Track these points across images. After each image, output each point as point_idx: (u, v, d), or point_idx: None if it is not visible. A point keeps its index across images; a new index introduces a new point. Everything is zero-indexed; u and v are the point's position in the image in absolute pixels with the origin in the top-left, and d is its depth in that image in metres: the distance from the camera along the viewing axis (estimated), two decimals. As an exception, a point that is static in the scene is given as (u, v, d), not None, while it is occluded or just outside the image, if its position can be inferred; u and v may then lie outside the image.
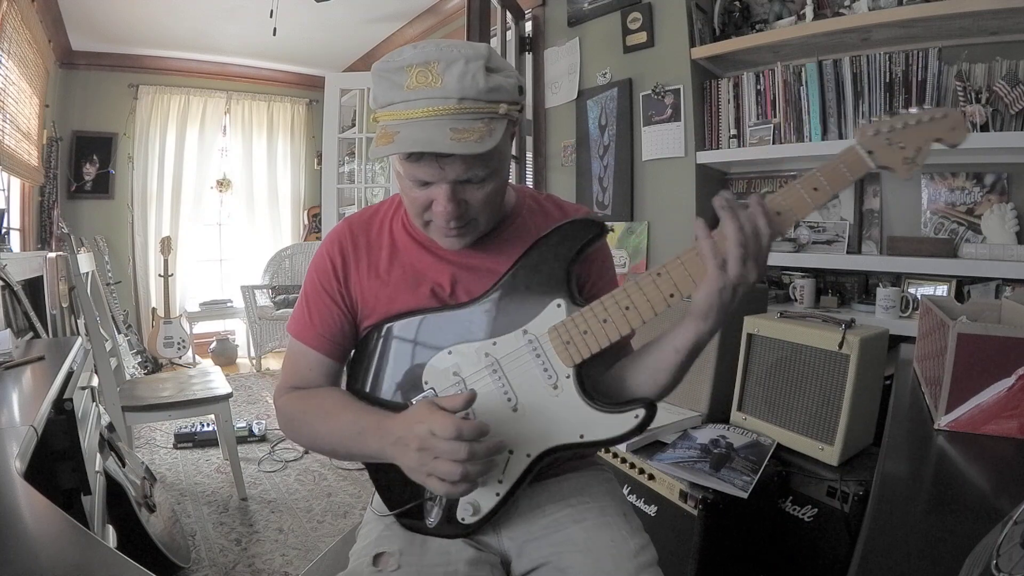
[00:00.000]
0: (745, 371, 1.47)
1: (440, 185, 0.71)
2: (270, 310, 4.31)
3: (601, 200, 2.62)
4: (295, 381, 0.87)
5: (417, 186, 0.73)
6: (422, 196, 0.73)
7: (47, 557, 0.59)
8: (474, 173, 0.71)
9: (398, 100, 0.68)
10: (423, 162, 0.69)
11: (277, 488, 2.37)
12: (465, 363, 0.77)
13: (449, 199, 0.71)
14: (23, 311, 1.95)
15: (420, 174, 0.71)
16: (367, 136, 4.26)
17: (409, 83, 0.67)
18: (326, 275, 0.85)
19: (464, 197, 0.73)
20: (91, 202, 4.43)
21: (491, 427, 0.68)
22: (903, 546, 0.58)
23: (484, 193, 0.74)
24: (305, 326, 0.85)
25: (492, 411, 0.74)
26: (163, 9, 3.57)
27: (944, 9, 1.59)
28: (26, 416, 0.98)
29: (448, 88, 0.66)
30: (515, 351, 0.76)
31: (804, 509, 1.30)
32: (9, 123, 2.78)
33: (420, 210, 0.76)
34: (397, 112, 0.68)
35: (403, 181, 0.75)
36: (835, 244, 2.02)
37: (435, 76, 0.67)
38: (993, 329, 0.87)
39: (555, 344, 0.74)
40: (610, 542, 0.79)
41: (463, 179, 0.71)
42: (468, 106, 0.67)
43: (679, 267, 0.71)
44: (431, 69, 0.67)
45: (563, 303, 0.75)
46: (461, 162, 0.69)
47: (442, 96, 0.67)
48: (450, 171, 0.70)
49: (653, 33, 2.35)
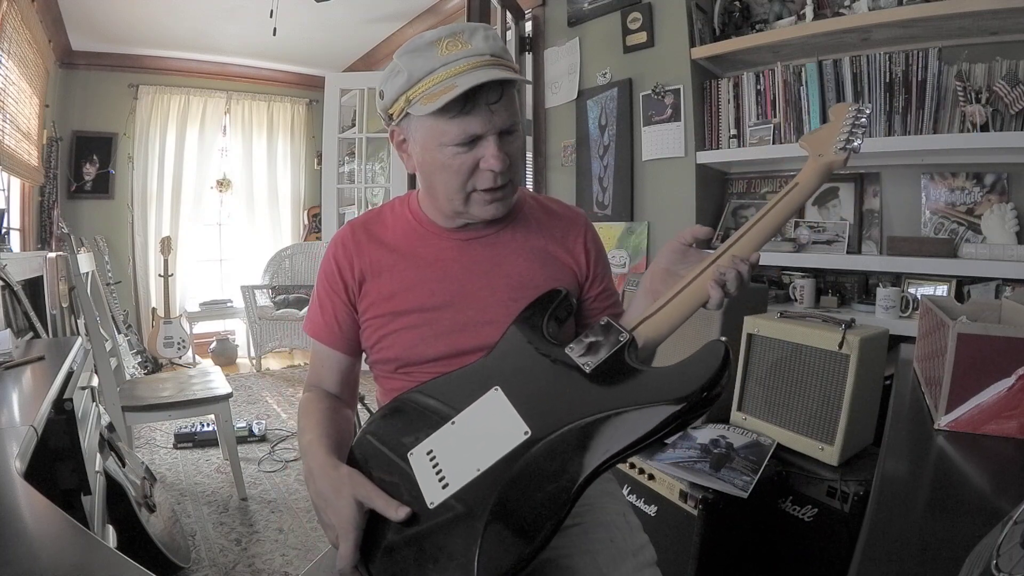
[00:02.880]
0: (745, 371, 1.47)
1: (487, 139, 0.76)
2: (270, 310, 4.31)
3: (601, 200, 2.62)
4: (312, 378, 0.93)
5: (463, 148, 0.76)
6: (467, 161, 0.77)
7: (47, 557, 0.59)
8: (514, 120, 0.77)
9: (438, 66, 0.74)
10: (476, 112, 0.74)
11: (277, 488, 2.37)
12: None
13: (500, 148, 0.76)
14: (23, 311, 1.95)
15: (472, 126, 0.75)
16: (367, 136, 4.27)
17: (441, 52, 0.74)
18: (332, 276, 0.89)
19: (507, 151, 0.78)
20: (91, 202, 4.43)
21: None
22: (903, 546, 0.58)
23: (517, 147, 0.80)
24: (317, 324, 0.91)
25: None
26: (163, 9, 3.57)
27: (944, 9, 1.59)
28: (26, 416, 0.98)
29: (479, 47, 0.74)
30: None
31: (804, 509, 1.30)
32: (9, 123, 2.78)
33: (465, 178, 0.78)
34: (440, 74, 0.73)
35: (444, 152, 0.77)
36: (835, 244, 2.02)
37: (463, 43, 0.74)
38: (993, 329, 0.87)
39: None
40: (609, 542, 0.79)
41: (507, 127, 0.77)
42: (498, 61, 0.75)
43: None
44: (458, 39, 0.74)
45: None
46: (505, 108, 0.75)
47: (477, 54, 0.74)
48: (498, 117, 0.75)
49: (653, 33, 2.35)
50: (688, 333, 1.56)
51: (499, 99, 0.75)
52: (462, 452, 0.68)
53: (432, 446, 0.71)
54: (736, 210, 2.31)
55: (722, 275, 0.70)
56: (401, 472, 0.70)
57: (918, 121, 1.76)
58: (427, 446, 0.71)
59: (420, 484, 0.67)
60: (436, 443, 0.71)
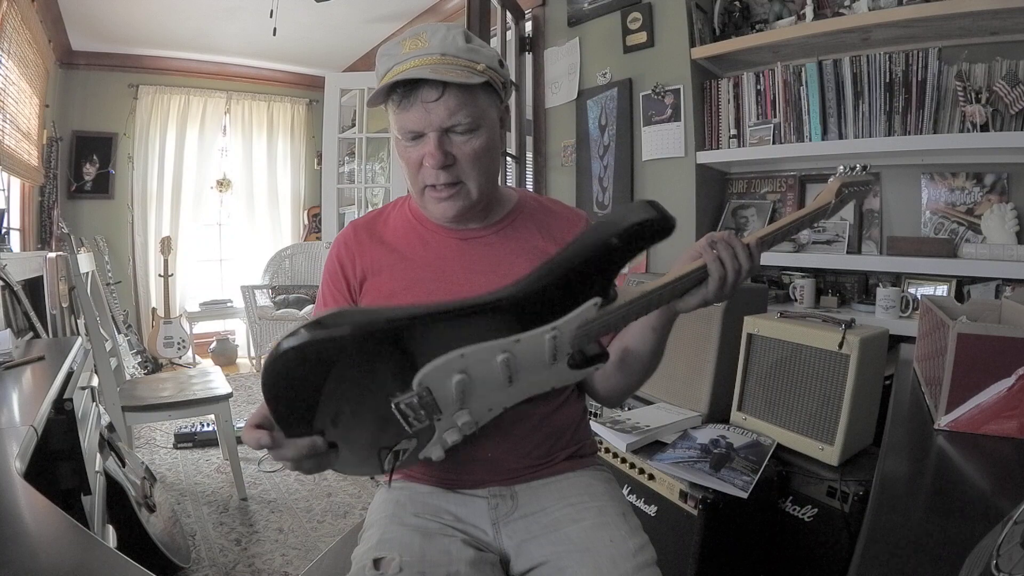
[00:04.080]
0: (745, 371, 1.47)
1: (428, 136, 0.78)
2: (270, 310, 4.31)
3: (601, 200, 2.62)
4: None
5: (410, 143, 0.80)
6: (415, 154, 0.80)
7: (47, 557, 0.59)
8: (457, 120, 0.77)
9: (392, 64, 0.78)
10: (412, 109, 0.77)
11: (277, 488, 2.37)
12: (476, 365, 0.69)
13: (437, 147, 0.78)
14: (23, 311, 1.95)
15: (409, 122, 0.78)
16: (367, 136, 4.26)
17: (403, 50, 0.78)
18: (335, 274, 0.91)
19: (451, 150, 0.79)
20: (91, 202, 4.43)
21: (475, 393, 0.69)
22: (903, 546, 0.58)
23: (471, 148, 0.80)
24: None
25: (486, 380, 0.70)
26: (163, 9, 3.57)
27: (944, 9, 1.59)
28: (26, 416, 0.98)
29: (432, 47, 0.77)
30: (535, 347, 0.70)
31: (804, 509, 1.30)
32: (9, 123, 2.78)
33: (415, 172, 0.82)
34: (393, 71, 0.78)
35: (399, 146, 0.82)
36: (835, 244, 2.02)
37: (424, 41, 0.78)
38: (993, 329, 0.87)
39: (575, 334, 0.72)
40: (609, 542, 0.79)
41: (447, 126, 0.78)
42: (449, 59, 0.76)
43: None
44: (421, 37, 0.78)
45: (600, 301, 0.71)
46: (443, 107, 0.76)
47: (426, 52, 0.77)
48: (435, 116, 0.77)
49: (653, 33, 2.35)
50: (689, 333, 1.56)
51: (438, 98, 0.76)
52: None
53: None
54: (736, 210, 2.31)
55: (714, 242, 0.72)
56: None
57: (918, 121, 1.76)
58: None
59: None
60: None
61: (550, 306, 0.70)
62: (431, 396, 0.69)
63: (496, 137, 0.85)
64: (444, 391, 0.69)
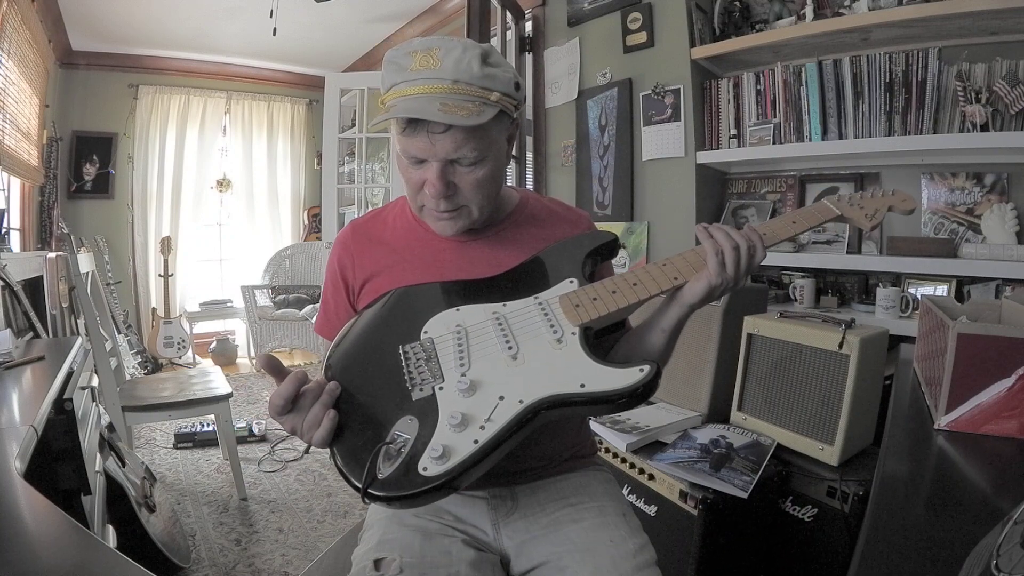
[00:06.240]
0: (745, 371, 1.47)
1: (431, 164, 0.77)
2: (270, 310, 4.31)
3: (601, 200, 2.62)
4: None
5: (412, 164, 0.78)
6: (416, 176, 0.79)
7: (47, 557, 0.59)
8: (463, 154, 0.75)
9: (400, 80, 0.75)
10: (417, 136, 0.75)
11: (277, 488, 2.37)
12: (470, 317, 0.77)
13: (438, 177, 0.76)
14: (23, 311, 1.95)
15: (413, 148, 0.76)
16: (367, 136, 4.26)
17: (413, 66, 0.75)
18: (335, 276, 0.91)
19: (454, 179, 0.78)
20: (91, 202, 4.43)
21: (482, 372, 0.70)
22: (903, 546, 0.58)
23: (475, 178, 0.78)
24: (323, 323, 0.93)
25: (489, 356, 0.72)
26: (163, 9, 3.57)
27: (944, 9, 1.59)
28: (26, 416, 0.98)
29: (445, 70, 0.73)
30: (523, 309, 0.77)
31: (804, 509, 1.30)
32: (9, 123, 2.78)
33: (415, 192, 0.81)
34: (399, 90, 0.75)
35: (401, 162, 0.80)
36: (835, 244, 2.02)
37: (436, 60, 0.74)
38: (993, 329, 0.87)
39: (564, 307, 0.76)
40: (609, 542, 0.79)
41: (452, 158, 0.76)
42: (461, 88, 0.73)
43: (682, 260, 0.79)
44: (433, 54, 0.74)
45: (576, 280, 0.79)
46: (450, 140, 0.74)
47: (438, 77, 0.73)
48: (440, 148, 0.75)
49: (653, 33, 2.35)
50: (689, 333, 1.56)
51: (444, 131, 0.73)
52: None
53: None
54: (736, 210, 2.31)
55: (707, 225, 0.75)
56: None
57: (918, 121, 1.76)
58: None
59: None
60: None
61: (530, 284, 0.80)
62: (433, 346, 0.74)
63: (502, 161, 0.84)
64: (444, 345, 0.74)
